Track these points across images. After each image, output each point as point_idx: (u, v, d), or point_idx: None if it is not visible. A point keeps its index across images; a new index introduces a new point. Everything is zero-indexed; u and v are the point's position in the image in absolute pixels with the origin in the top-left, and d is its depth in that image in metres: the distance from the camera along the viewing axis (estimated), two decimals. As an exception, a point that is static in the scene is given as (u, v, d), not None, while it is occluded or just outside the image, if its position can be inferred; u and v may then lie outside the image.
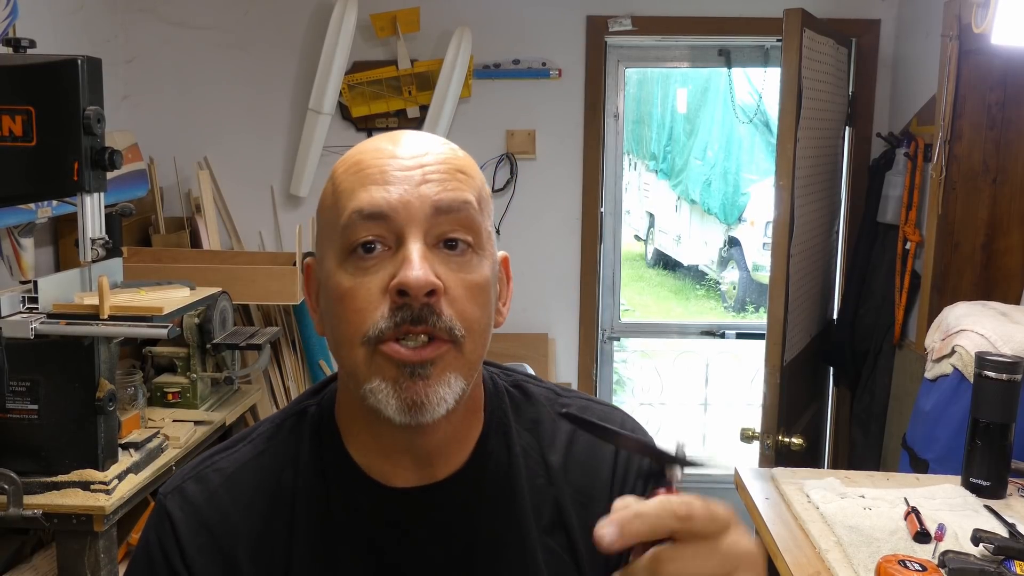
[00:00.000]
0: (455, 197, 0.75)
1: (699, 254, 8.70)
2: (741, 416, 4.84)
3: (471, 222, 0.76)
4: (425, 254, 0.73)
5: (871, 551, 1.45)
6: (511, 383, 0.90)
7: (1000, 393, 1.66)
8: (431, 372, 0.74)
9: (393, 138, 0.79)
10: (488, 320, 0.78)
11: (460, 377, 0.75)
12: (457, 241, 0.75)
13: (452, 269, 0.75)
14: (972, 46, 2.43)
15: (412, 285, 0.72)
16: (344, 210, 0.76)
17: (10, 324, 1.83)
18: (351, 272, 0.75)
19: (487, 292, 0.78)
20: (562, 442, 0.87)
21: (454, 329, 0.74)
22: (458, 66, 2.99)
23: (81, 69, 1.77)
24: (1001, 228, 2.60)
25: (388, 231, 0.74)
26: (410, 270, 0.72)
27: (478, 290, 0.76)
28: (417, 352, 0.73)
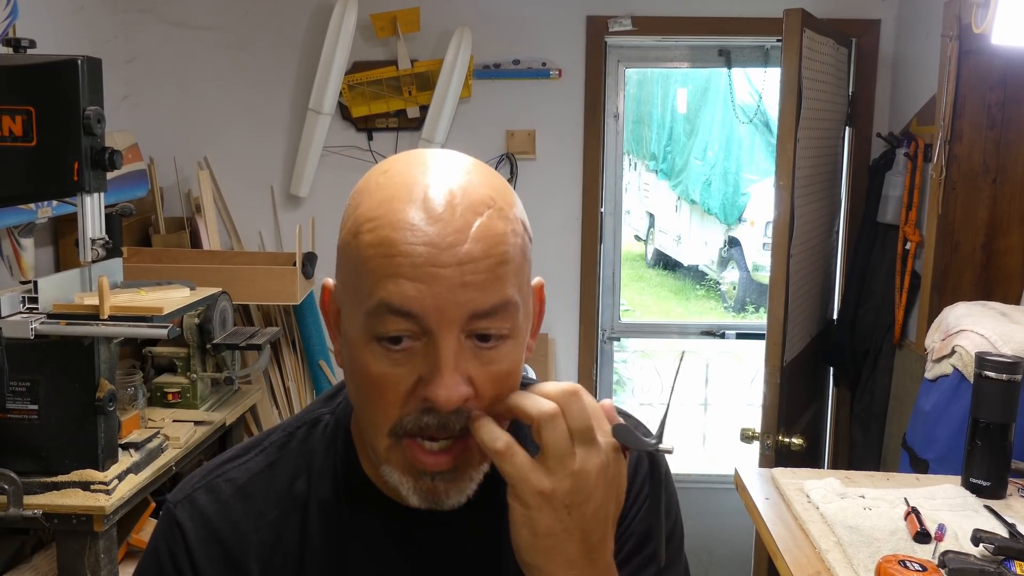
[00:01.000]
0: (496, 301, 0.69)
1: (699, 254, 8.70)
2: (741, 416, 4.84)
3: (511, 315, 0.70)
4: (457, 357, 0.68)
5: (871, 551, 1.45)
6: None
7: (1000, 393, 1.66)
8: (452, 476, 0.72)
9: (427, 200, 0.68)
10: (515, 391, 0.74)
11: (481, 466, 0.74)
12: (491, 336, 0.70)
13: (483, 362, 0.70)
14: (972, 46, 2.43)
15: (442, 404, 0.68)
16: (371, 295, 0.69)
17: (10, 324, 1.83)
18: (379, 356, 0.70)
19: (514, 375, 0.72)
20: None
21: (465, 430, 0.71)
22: (458, 66, 2.99)
23: (81, 69, 1.77)
24: (1001, 228, 2.60)
25: (419, 327, 0.68)
26: (440, 387, 0.68)
27: (505, 378, 0.71)
28: (437, 459, 0.71)
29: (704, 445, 5.42)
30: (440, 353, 0.68)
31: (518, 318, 0.71)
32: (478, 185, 0.71)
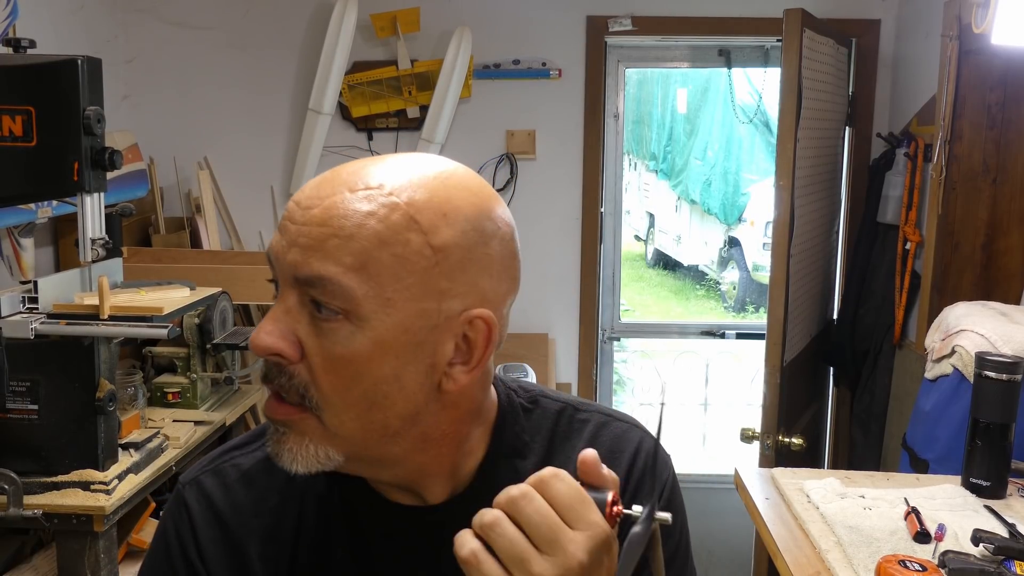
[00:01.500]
0: (311, 273, 0.69)
1: (699, 254, 8.70)
2: (741, 416, 4.83)
3: (339, 293, 0.69)
4: (288, 313, 0.71)
5: (871, 551, 1.45)
6: (528, 400, 0.88)
7: (1000, 393, 1.66)
8: (286, 434, 0.73)
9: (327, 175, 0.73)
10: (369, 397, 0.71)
11: (328, 447, 0.73)
12: (322, 305, 0.70)
13: (315, 333, 0.70)
14: (972, 46, 2.43)
15: (252, 348, 0.71)
16: None
17: (10, 324, 1.83)
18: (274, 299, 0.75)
19: (356, 367, 0.70)
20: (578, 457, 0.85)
21: (306, 396, 0.71)
22: (458, 66, 2.99)
23: (81, 69, 1.77)
24: (1001, 228, 2.60)
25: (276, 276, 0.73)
26: (255, 332, 0.71)
27: (342, 363, 0.70)
28: (273, 408, 0.73)
29: (704, 445, 5.42)
30: (275, 303, 0.72)
31: (359, 307, 0.69)
32: (389, 174, 0.72)
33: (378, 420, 0.72)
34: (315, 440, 0.72)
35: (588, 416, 0.89)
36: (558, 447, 0.86)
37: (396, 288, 0.70)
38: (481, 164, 3.14)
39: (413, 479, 0.79)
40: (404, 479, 0.79)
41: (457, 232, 0.71)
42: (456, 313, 0.72)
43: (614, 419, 0.91)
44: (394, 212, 0.70)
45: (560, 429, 0.87)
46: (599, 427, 0.88)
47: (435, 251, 0.70)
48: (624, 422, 0.91)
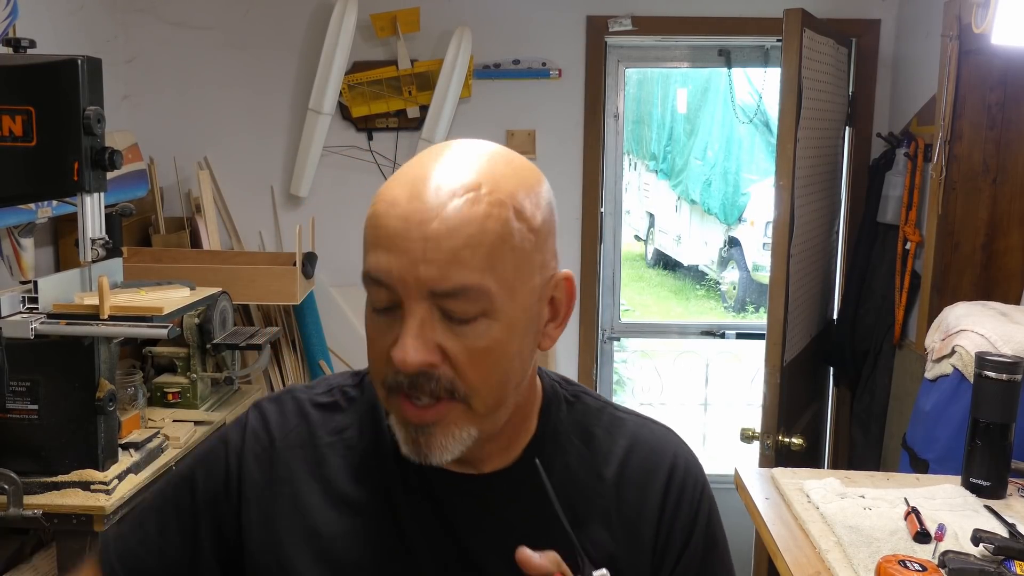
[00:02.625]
0: (452, 286, 0.73)
1: (699, 254, 8.70)
2: (741, 416, 4.83)
3: (477, 298, 0.74)
4: (423, 326, 0.74)
5: (871, 551, 1.45)
6: (571, 394, 0.93)
7: (1000, 393, 1.66)
8: (434, 431, 0.77)
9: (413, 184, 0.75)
10: (502, 373, 0.78)
11: (470, 427, 0.78)
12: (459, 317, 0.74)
13: (455, 336, 0.75)
14: (972, 46, 2.43)
15: (400, 368, 0.74)
16: (364, 262, 0.77)
17: (10, 324, 1.83)
18: (371, 320, 0.78)
19: (496, 354, 0.76)
20: (617, 457, 0.90)
21: (455, 390, 0.76)
22: (458, 66, 2.99)
23: (81, 69, 1.77)
24: (1001, 228, 2.60)
25: (393, 296, 0.75)
26: (398, 350, 0.74)
27: (484, 354, 0.76)
28: (420, 413, 0.77)
29: (704, 445, 5.42)
30: (404, 320, 0.74)
31: (494, 302, 0.74)
32: (474, 170, 0.76)
33: (508, 392, 0.80)
34: (460, 424, 0.78)
35: (627, 417, 0.94)
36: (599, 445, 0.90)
37: (517, 276, 0.76)
38: (481, 164, 3.13)
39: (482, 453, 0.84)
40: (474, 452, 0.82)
41: (543, 209, 0.80)
42: (549, 278, 0.81)
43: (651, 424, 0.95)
44: (503, 209, 0.75)
45: (602, 425, 0.92)
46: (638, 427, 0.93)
47: (535, 232, 0.78)
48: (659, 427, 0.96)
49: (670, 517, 0.88)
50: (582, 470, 0.88)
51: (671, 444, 0.93)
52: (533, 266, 0.78)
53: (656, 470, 0.89)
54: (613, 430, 0.91)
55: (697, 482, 0.92)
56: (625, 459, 0.89)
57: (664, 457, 0.91)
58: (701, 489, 0.91)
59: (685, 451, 0.93)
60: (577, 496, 0.87)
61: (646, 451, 0.91)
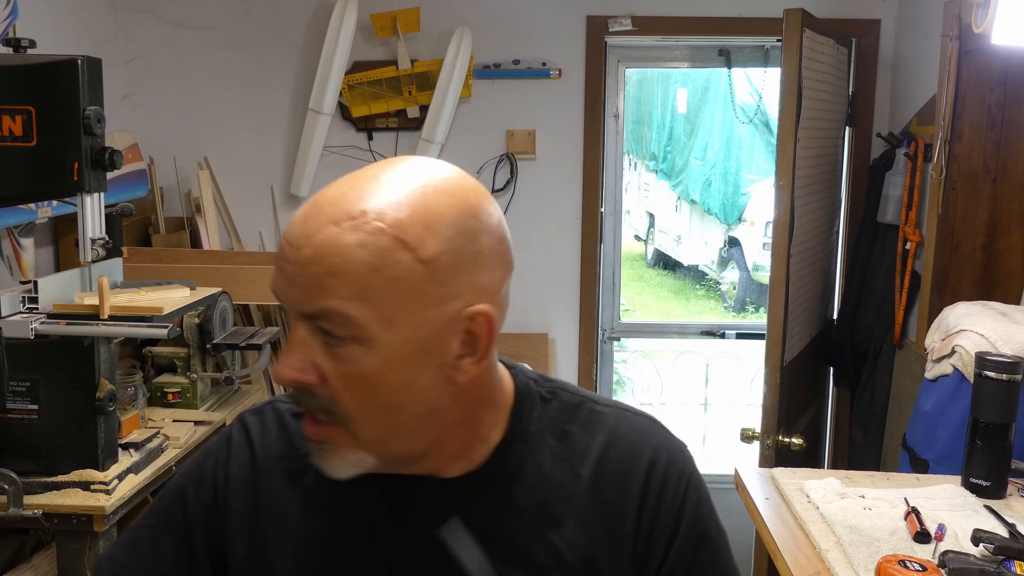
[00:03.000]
0: (318, 308, 0.74)
1: (699, 254, 8.70)
2: (741, 416, 4.84)
3: (344, 322, 0.74)
4: (302, 344, 0.76)
5: (871, 551, 1.45)
6: (547, 391, 0.91)
7: (1000, 393, 1.66)
8: (325, 449, 0.79)
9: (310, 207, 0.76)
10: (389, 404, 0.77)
11: (359, 452, 0.79)
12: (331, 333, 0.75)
13: (331, 358, 0.76)
14: (972, 46, 2.43)
15: (276, 378, 0.79)
16: None
17: (10, 324, 1.82)
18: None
19: (372, 382, 0.76)
20: (594, 453, 0.88)
21: (334, 412, 0.77)
22: (458, 66, 2.99)
23: (81, 69, 1.77)
24: (1001, 228, 2.60)
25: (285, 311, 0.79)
26: (277, 364, 0.78)
27: (357, 381, 0.76)
28: (311, 429, 0.80)
29: (704, 445, 5.42)
30: (289, 336, 0.77)
31: (364, 330, 0.74)
32: (369, 197, 0.75)
33: (398, 423, 0.78)
34: (349, 449, 0.78)
35: (607, 410, 0.91)
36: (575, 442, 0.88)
37: (395, 307, 0.74)
38: (481, 164, 3.14)
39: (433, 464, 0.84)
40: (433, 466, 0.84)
41: (443, 240, 0.75)
42: (456, 312, 0.77)
43: (631, 413, 0.93)
44: (381, 237, 0.73)
45: (579, 421, 0.90)
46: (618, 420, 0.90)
47: (425, 264, 0.74)
48: (641, 417, 0.93)
49: (651, 513, 0.86)
50: (557, 469, 0.86)
51: (652, 436, 0.91)
52: (424, 299, 0.75)
53: (636, 464, 0.87)
54: (591, 425, 0.89)
55: (682, 474, 0.89)
56: (603, 455, 0.87)
57: (644, 449, 0.88)
58: (686, 481, 0.88)
59: (669, 442, 0.91)
60: (552, 496, 0.85)
61: (625, 445, 0.88)
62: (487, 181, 3.14)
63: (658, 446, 0.89)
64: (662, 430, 0.92)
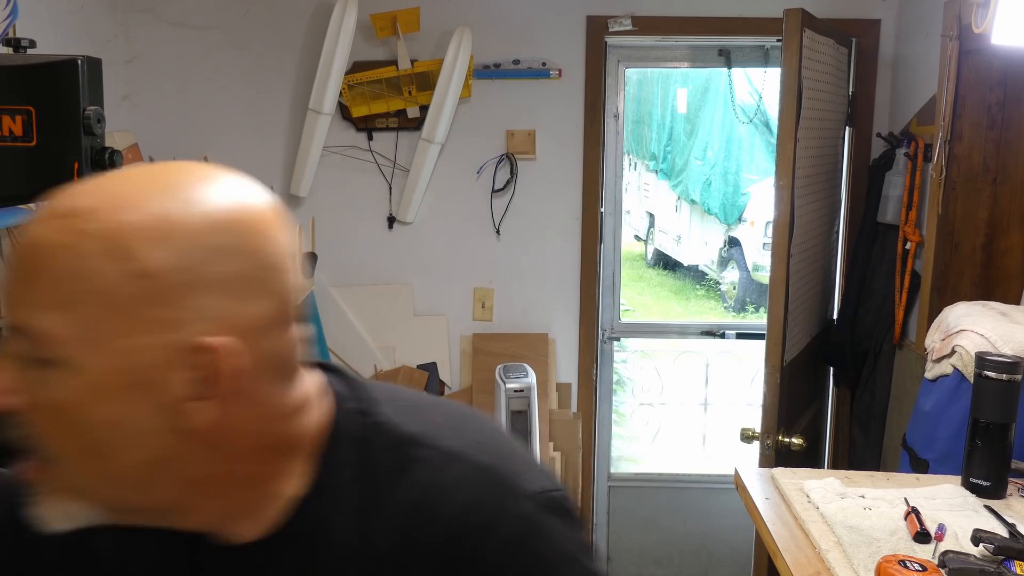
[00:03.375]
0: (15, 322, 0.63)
1: (699, 254, 8.70)
2: (741, 416, 4.83)
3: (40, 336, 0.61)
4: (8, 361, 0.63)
5: (871, 551, 1.45)
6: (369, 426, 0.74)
7: (1000, 393, 1.66)
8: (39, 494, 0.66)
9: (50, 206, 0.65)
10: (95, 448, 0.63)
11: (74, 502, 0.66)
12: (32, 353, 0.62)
13: (28, 383, 0.63)
14: (972, 46, 2.43)
15: None
16: None
17: (10, 324, 1.82)
18: None
19: (70, 416, 0.62)
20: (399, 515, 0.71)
21: (39, 447, 0.65)
22: (458, 66, 2.99)
23: (81, 69, 1.77)
24: (1001, 228, 2.60)
25: None
26: None
27: (56, 413, 0.62)
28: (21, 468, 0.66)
29: (704, 445, 5.42)
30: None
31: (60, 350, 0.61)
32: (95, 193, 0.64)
33: (111, 470, 0.64)
34: (63, 496, 0.66)
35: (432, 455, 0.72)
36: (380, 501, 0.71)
37: (99, 327, 0.61)
38: (481, 164, 3.14)
39: (209, 523, 0.71)
40: (200, 523, 0.71)
41: (173, 253, 0.62)
42: (182, 343, 0.62)
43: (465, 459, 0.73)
44: (87, 241, 0.61)
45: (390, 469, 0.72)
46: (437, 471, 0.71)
47: (141, 279, 0.61)
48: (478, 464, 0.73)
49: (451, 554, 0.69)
50: (353, 539, 0.70)
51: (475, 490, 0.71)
52: (135, 321, 0.61)
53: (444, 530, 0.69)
54: (402, 476, 0.71)
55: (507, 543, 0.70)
56: (408, 516, 0.70)
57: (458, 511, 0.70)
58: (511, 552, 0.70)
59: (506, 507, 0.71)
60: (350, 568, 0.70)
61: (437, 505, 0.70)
62: (487, 181, 3.14)
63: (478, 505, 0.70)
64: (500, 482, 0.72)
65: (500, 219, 3.14)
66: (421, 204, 3.13)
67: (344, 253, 3.13)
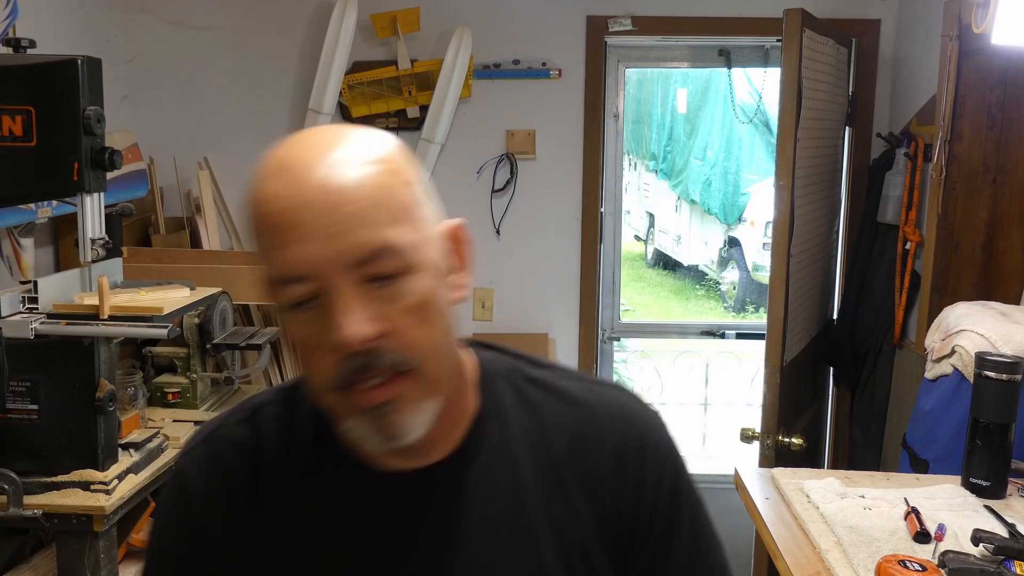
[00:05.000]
0: (371, 248, 0.72)
1: (699, 254, 8.71)
2: (741, 416, 4.83)
3: (396, 254, 0.73)
4: (354, 302, 0.72)
5: (871, 551, 1.45)
6: (509, 367, 0.89)
7: (1000, 393, 1.66)
8: (398, 407, 0.75)
9: (287, 173, 0.73)
10: (441, 328, 0.77)
11: (429, 399, 0.77)
12: (387, 275, 0.73)
13: (387, 300, 0.73)
14: (972, 46, 2.43)
15: (346, 345, 0.72)
16: (267, 267, 0.75)
17: (10, 324, 1.83)
18: (297, 321, 0.74)
19: (430, 305, 0.75)
20: (566, 426, 0.86)
21: (404, 362, 0.74)
22: (458, 66, 2.99)
23: (81, 69, 1.77)
24: (1001, 228, 2.60)
25: (315, 285, 0.72)
26: (340, 331, 0.71)
27: (418, 309, 0.74)
28: (380, 393, 0.74)
29: (704, 445, 5.42)
30: (335, 303, 0.72)
31: (410, 255, 0.74)
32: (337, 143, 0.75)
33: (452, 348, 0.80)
34: (417, 399, 0.76)
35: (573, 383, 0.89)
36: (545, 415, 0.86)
37: (418, 228, 0.75)
38: (481, 164, 3.14)
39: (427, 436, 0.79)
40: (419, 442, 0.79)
41: (414, 164, 0.80)
42: (440, 230, 0.80)
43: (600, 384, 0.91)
44: (383, 166, 0.75)
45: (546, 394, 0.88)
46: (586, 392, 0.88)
47: (417, 186, 0.78)
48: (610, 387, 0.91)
49: (632, 486, 0.84)
50: (529, 445, 0.84)
51: (624, 405, 0.88)
52: (428, 218, 0.78)
53: (605, 439, 0.85)
54: (556, 398, 0.87)
55: (660, 442, 0.87)
56: (573, 430, 0.85)
57: (612, 423, 0.86)
58: (665, 450, 0.87)
59: (641, 410, 0.89)
60: (530, 473, 0.83)
61: (594, 419, 0.86)
62: (487, 181, 3.14)
63: (628, 421, 0.87)
64: (633, 399, 0.90)
65: (500, 219, 3.14)
66: (421, 204, 3.13)
67: (344, 253, 3.13)
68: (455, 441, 0.83)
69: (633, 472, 0.84)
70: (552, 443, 0.85)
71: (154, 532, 0.91)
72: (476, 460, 0.83)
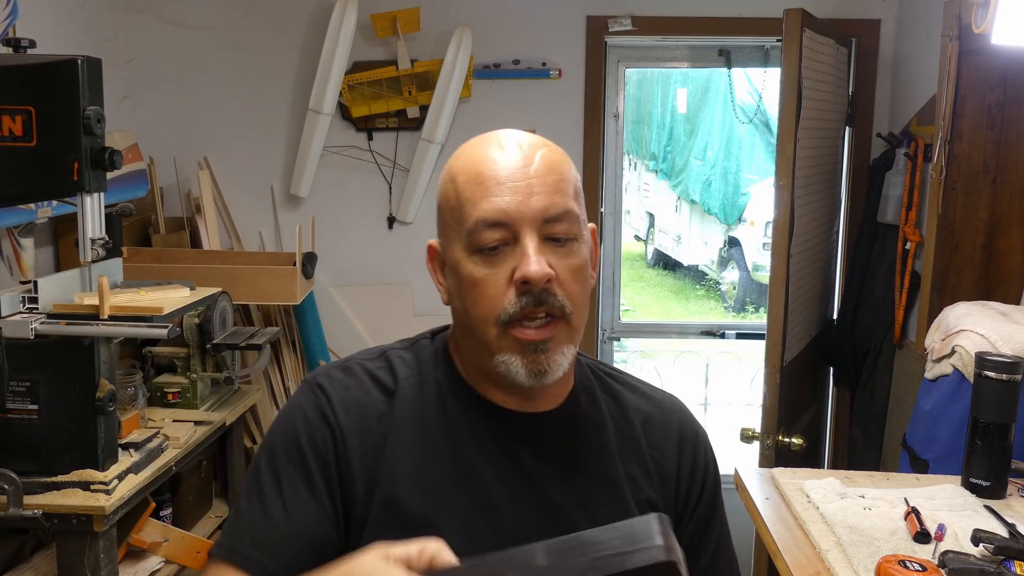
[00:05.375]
0: (560, 210, 0.92)
1: (699, 254, 8.71)
2: (741, 416, 4.83)
3: (574, 220, 0.93)
4: (539, 249, 0.90)
5: (871, 551, 1.45)
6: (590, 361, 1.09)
7: (1000, 393, 1.66)
8: (549, 347, 0.92)
9: (501, 144, 0.95)
10: (587, 292, 0.96)
11: (571, 345, 0.95)
12: (561, 239, 0.92)
13: (559, 257, 0.92)
14: (972, 46, 2.43)
15: (533, 277, 0.89)
16: (469, 217, 0.92)
17: (10, 324, 1.83)
18: (479, 264, 0.92)
19: (585, 271, 0.95)
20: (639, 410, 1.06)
21: (565, 307, 0.92)
22: (458, 66, 2.99)
23: (81, 69, 1.77)
24: (1001, 228, 2.60)
25: (508, 233, 0.91)
26: (529, 265, 0.89)
27: (579, 271, 0.94)
28: (540, 332, 0.92)
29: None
30: (526, 246, 0.91)
31: (580, 227, 0.95)
32: (534, 138, 0.97)
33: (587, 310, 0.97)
34: (565, 343, 0.94)
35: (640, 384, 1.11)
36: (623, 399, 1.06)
37: (582, 212, 0.96)
38: (481, 164, 3.13)
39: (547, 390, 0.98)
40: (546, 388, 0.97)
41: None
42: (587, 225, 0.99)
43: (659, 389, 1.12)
44: (567, 158, 0.98)
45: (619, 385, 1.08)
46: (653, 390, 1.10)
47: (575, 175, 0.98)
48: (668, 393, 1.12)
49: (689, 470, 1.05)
50: (612, 418, 1.03)
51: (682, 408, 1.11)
52: (584, 210, 0.97)
53: (674, 427, 1.06)
54: (630, 389, 1.08)
55: (707, 443, 1.09)
56: (646, 412, 1.06)
57: (678, 417, 1.08)
58: (710, 450, 1.09)
59: (692, 415, 1.11)
60: (614, 438, 1.02)
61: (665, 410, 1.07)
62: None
63: (687, 416, 1.10)
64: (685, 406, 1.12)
65: (500, 219, 3.14)
66: (421, 204, 3.13)
67: (344, 253, 3.12)
68: (560, 400, 1.01)
69: (690, 455, 1.06)
70: (630, 419, 1.05)
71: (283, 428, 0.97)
72: (574, 418, 1.01)
